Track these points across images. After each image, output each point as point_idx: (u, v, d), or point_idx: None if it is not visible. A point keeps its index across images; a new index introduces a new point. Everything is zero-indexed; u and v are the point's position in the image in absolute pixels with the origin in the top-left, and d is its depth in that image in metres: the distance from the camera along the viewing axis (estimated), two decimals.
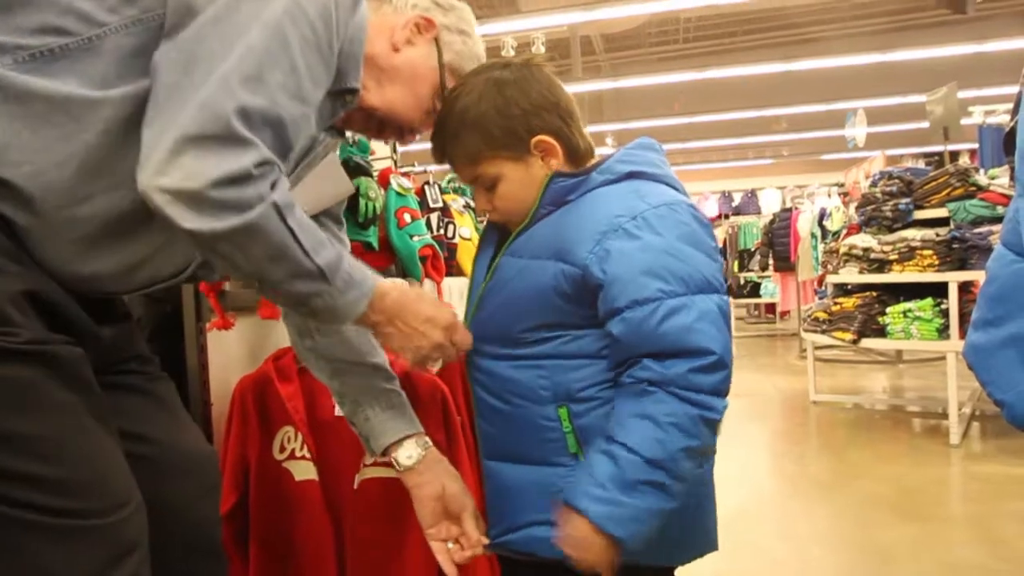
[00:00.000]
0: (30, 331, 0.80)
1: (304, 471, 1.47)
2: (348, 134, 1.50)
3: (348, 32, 0.95)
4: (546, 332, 1.00)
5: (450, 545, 1.12)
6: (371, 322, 0.99)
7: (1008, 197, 3.92)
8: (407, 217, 1.86)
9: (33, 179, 0.81)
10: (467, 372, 1.10)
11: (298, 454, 1.49)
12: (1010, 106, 5.89)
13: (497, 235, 1.12)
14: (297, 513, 1.47)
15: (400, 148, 2.62)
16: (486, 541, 1.10)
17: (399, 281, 1.12)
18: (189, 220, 0.78)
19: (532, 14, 7.84)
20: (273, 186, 0.83)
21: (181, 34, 0.81)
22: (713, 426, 0.92)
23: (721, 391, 0.92)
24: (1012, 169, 3.28)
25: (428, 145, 1.11)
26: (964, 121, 5.60)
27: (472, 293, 1.10)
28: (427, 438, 1.17)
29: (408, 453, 1.15)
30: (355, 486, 1.46)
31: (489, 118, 1.01)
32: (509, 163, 1.02)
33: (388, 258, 1.87)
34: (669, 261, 0.92)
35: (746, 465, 3.73)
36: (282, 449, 1.50)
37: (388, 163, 2.11)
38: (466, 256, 2.20)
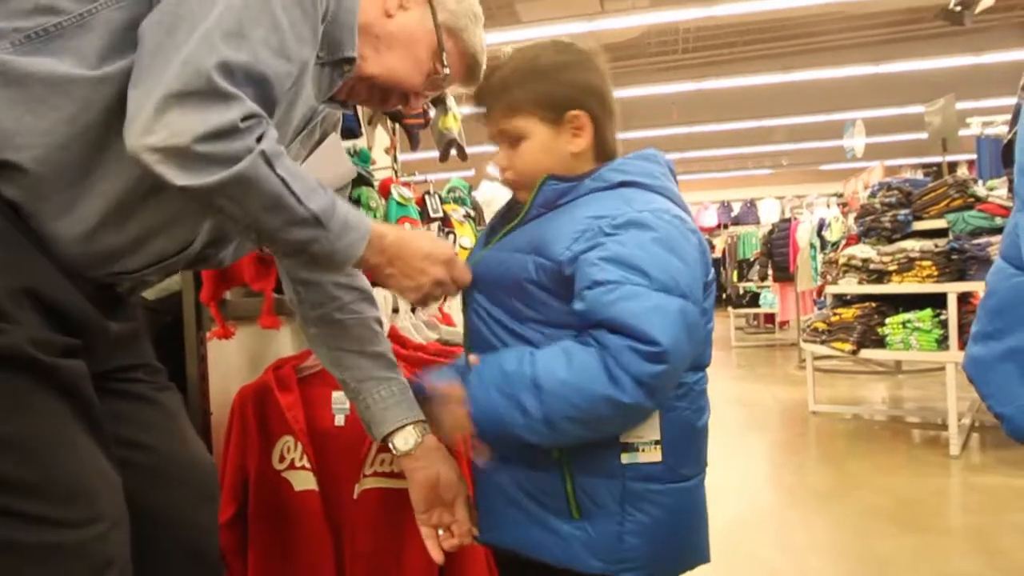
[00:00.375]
0: (25, 331, 0.80)
1: (304, 481, 1.47)
2: (354, 140, 1.51)
3: (341, 1, 0.96)
4: (525, 327, 1.02)
5: (441, 532, 1.14)
6: (371, 264, 1.00)
7: (1007, 208, 3.94)
8: (407, 227, 1.86)
9: (40, 162, 0.82)
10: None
11: (297, 464, 1.48)
12: (1007, 117, 5.94)
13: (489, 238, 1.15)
14: (296, 523, 1.46)
15: (401, 157, 2.63)
16: (476, 532, 1.12)
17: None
18: (180, 177, 0.79)
19: (532, 24, 7.89)
20: (260, 139, 0.83)
21: (163, 1, 0.82)
22: (615, 409, 0.91)
23: (647, 384, 0.89)
24: (1011, 181, 3.29)
25: (429, 155, 1.12)
26: (962, 132, 5.63)
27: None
28: (427, 424, 1.18)
29: (405, 439, 1.16)
30: (355, 496, 1.46)
31: (540, 76, 1.04)
32: (541, 124, 1.04)
33: None
34: (639, 256, 0.93)
35: (745, 475, 3.72)
36: (282, 459, 1.50)
37: (389, 173, 2.12)
38: None
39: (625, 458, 0.99)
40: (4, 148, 0.81)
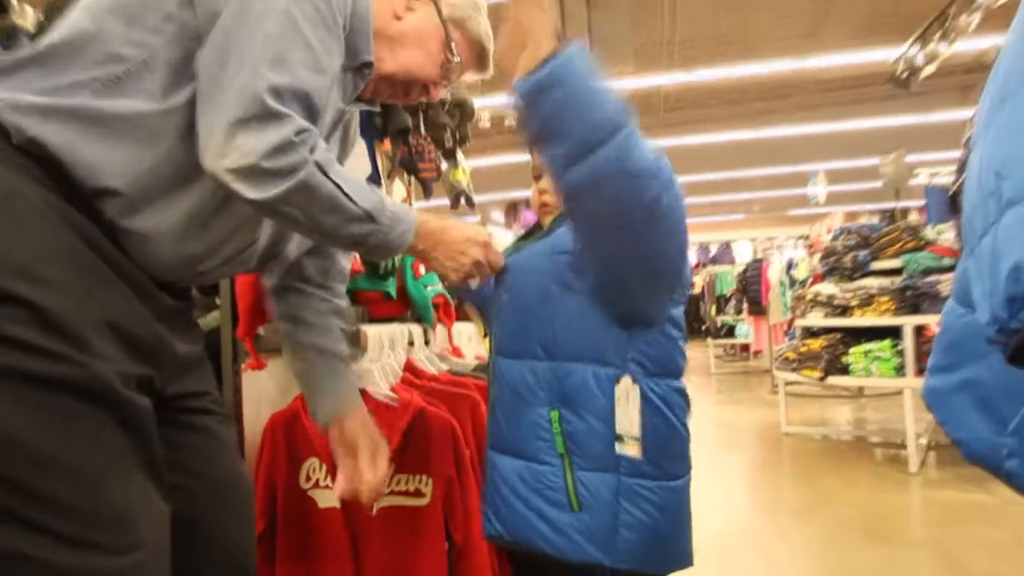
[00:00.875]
0: (109, 364, 0.80)
1: (327, 499, 1.45)
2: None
3: (356, 11, 0.98)
4: (548, 339, 1.04)
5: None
6: (418, 249, 1.02)
7: (954, 250, 3.95)
8: (421, 269, 1.87)
9: (130, 185, 0.86)
10: (489, 368, 1.14)
11: (322, 484, 1.47)
12: (951, 168, 5.99)
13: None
14: (320, 538, 1.44)
15: (416, 205, 2.65)
16: (375, 490, 1.15)
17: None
18: (252, 191, 0.83)
19: None
20: (312, 149, 0.86)
21: (211, 37, 0.86)
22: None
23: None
24: (958, 227, 3.27)
25: (441, 202, 1.16)
26: (912, 182, 5.67)
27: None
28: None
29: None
30: (374, 513, 1.44)
31: None
32: None
33: (404, 306, 1.87)
34: None
35: (726, 491, 3.67)
36: (308, 479, 1.48)
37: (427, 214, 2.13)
38: None
39: (617, 447, 0.99)
40: (100, 177, 0.84)
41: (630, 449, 0.99)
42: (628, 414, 1.00)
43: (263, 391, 1.65)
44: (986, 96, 0.78)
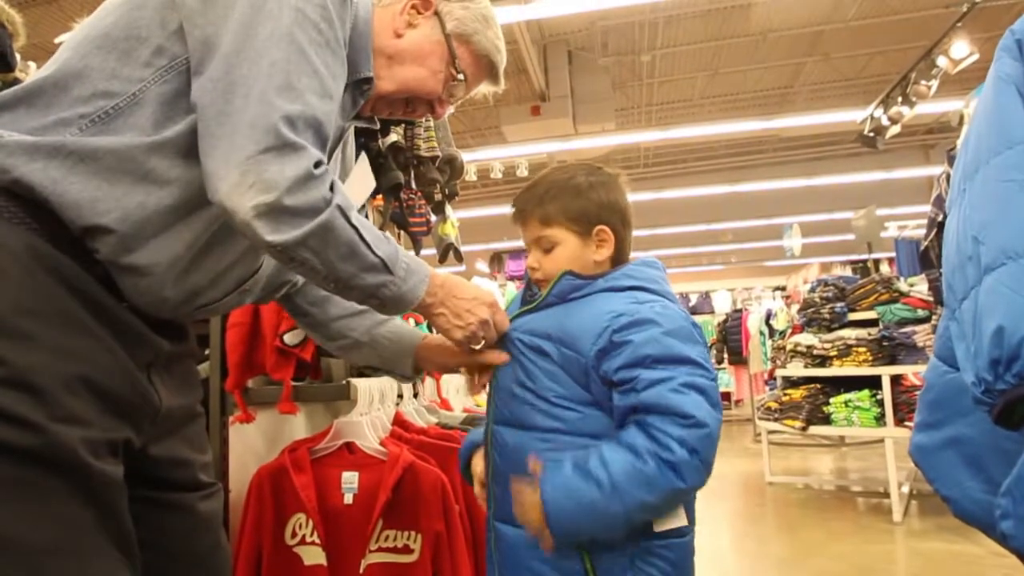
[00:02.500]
0: (74, 429, 0.73)
1: (314, 556, 1.40)
2: None
3: (356, 25, 0.95)
4: (551, 405, 1.00)
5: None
6: (426, 304, 0.96)
7: (927, 301, 4.02)
8: (411, 322, 1.86)
9: (122, 221, 0.80)
10: (487, 439, 1.08)
11: (308, 540, 1.42)
12: (918, 222, 6.10)
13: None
14: None
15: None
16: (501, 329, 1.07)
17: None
18: (272, 234, 0.78)
19: (517, 144, 8.17)
20: (332, 188, 0.82)
21: (209, 69, 0.81)
22: (678, 495, 0.92)
23: (698, 450, 0.90)
24: (929, 280, 3.32)
25: (429, 253, 1.13)
26: (882, 235, 5.81)
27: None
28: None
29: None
30: (360, 571, 1.39)
31: (573, 194, 1.06)
32: (572, 236, 1.06)
33: None
34: (663, 343, 0.95)
35: (712, 543, 3.60)
36: (294, 535, 1.43)
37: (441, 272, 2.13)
38: None
39: (658, 525, 0.96)
40: (90, 215, 0.79)
41: (674, 521, 0.97)
42: None
43: (250, 444, 1.61)
44: (958, 164, 0.81)
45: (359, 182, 1.18)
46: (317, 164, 0.81)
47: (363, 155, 1.22)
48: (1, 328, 0.72)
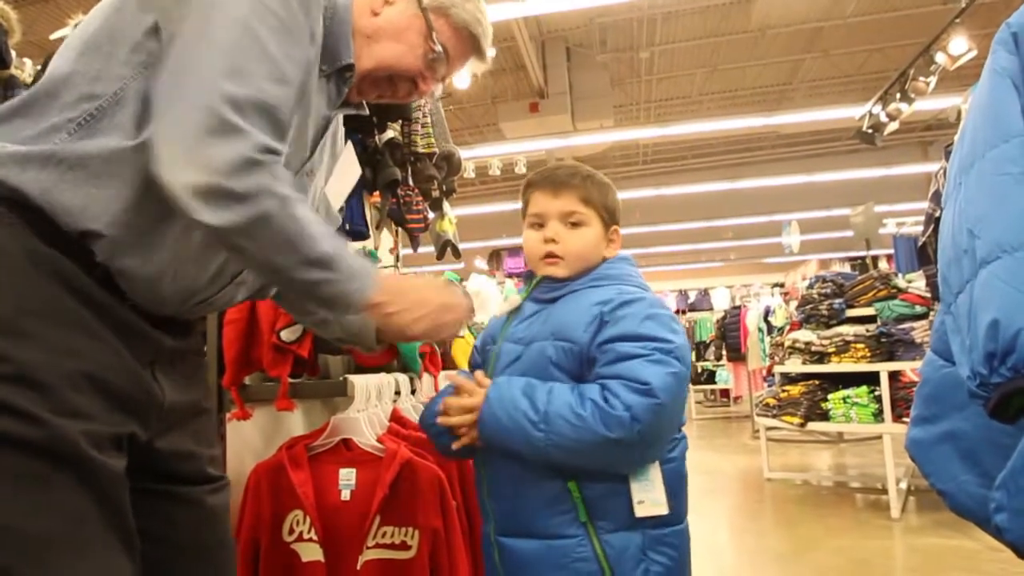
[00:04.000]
0: (77, 423, 0.75)
1: (311, 552, 1.40)
2: None
3: (336, 14, 0.95)
4: None
5: None
6: (377, 303, 0.91)
7: (924, 298, 4.01)
8: None
9: (112, 225, 0.81)
10: (478, 456, 1.08)
11: (306, 536, 1.42)
12: (916, 218, 6.09)
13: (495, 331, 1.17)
14: None
15: (403, 252, 2.65)
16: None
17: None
18: (209, 215, 0.77)
19: (515, 141, 8.16)
20: (276, 177, 0.81)
21: (168, 59, 0.82)
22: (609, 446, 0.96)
23: (639, 418, 0.94)
24: (927, 277, 3.31)
25: (427, 251, 1.15)
26: (880, 231, 5.81)
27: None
28: None
29: None
30: (358, 567, 1.39)
31: (606, 188, 1.15)
32: (599, 224, 1.12)
33: (391, 355, 1.85)
34: (644, 324, 1.01)
35: (711, 539, 3.61)
36: (291, 531, 1.43)
37: (392, 270, 2.13)
38: (459, 352, 2.19)
39: (639, 510, 0.99)
40: (81, 220, 0.80)
41: (655, 509, 1.00)
42: (649, 474, 1.01)
43: (248, 441, 1.61)
44: (954, 158, 0.81)
45: (344, 171, 1.17)
46: (266, 150, 0.80)
47: (349, 143, 1.19)
48: (6, 328, 0.74)
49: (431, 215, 2.54)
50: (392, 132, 2.02)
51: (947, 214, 0.77)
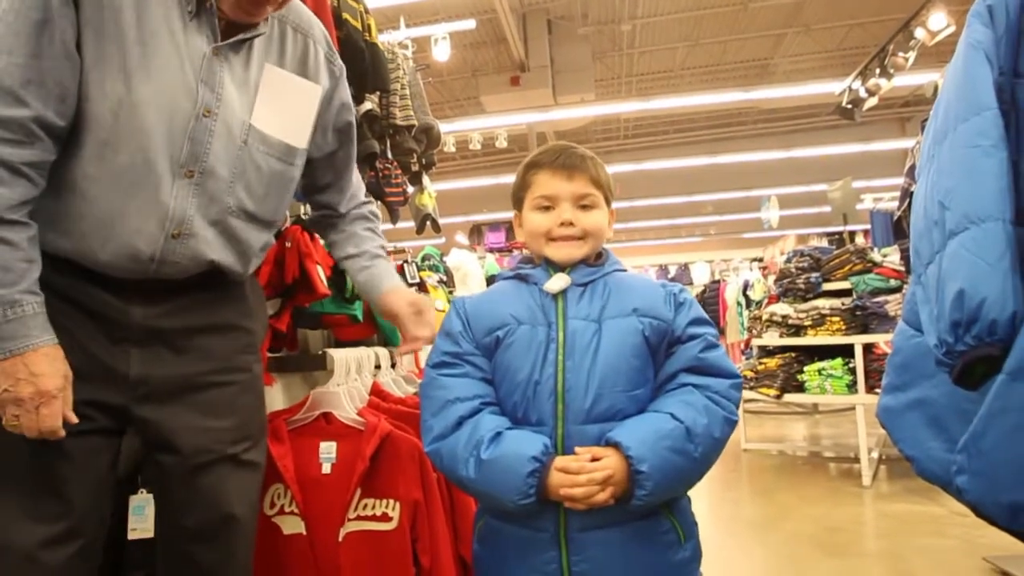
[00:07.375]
0: None
1: (292, 525, 1.41)
2: None
3: None
4: (634, 387, 1.07)
5: None
6: None
7: (899, 271, 4.09)
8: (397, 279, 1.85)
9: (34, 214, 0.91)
10: (558, 446, 1.03)
11: (287, 509, 1.43)
12: (894, 194, 6.14)
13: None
14: (285, 564, 1.40)
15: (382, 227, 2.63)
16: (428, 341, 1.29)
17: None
18: None
19: (495, 114, 8.08)
20: None
21: None
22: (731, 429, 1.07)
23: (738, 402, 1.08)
24: (902, 251, 3.36)
25: (407, 225, 1.15)
26: (858, 207, 5.87)
27: (541, 363, 1.06)
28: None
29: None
30: (340, 539, 1.40)
31: (605, 169, 1.18)
32: (605, 204, 1.16)
33: (371, 329, 1.85)
34: (697, 306, 1.13)
35: None
36: (272, 505, 1.44)
37: None
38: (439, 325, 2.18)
39: None
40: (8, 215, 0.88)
41: None
42: None
43: None
44: (928, 130, 0.82)
45: (289, 101, 1.08)
46: None
47: (269, 66, 1.07)
48: None
49: (410, 189, 2.52)
50: (370, 104, 1.99)
51: (920, 186, 0.78)
